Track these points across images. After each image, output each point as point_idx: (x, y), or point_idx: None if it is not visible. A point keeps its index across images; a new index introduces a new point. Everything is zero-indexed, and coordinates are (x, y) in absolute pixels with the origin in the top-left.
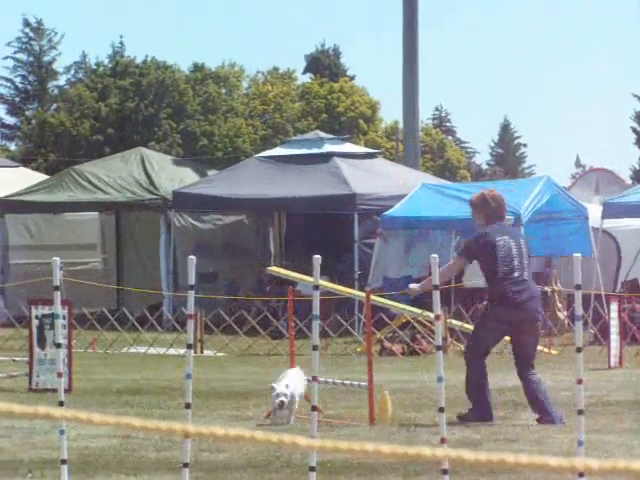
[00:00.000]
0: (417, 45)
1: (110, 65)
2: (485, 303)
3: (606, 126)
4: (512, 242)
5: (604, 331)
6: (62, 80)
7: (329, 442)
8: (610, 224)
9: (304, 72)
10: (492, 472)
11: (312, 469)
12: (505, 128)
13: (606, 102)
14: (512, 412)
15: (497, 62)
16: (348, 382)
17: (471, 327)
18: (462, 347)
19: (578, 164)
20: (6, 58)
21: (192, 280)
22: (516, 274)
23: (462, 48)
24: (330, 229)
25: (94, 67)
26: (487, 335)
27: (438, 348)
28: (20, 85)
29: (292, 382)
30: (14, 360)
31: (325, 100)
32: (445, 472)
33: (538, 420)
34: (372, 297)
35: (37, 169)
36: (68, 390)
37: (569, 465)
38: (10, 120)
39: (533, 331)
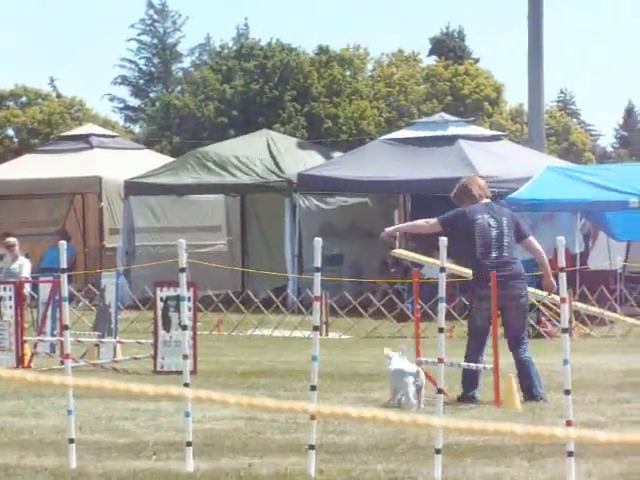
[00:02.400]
0: (542, 27)
1: (235, 47)
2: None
3: None
4: (492, 221)
5: None
6: (186, 62)
7: (462, 422)
8: None
9: (429, 54)
10: (617, 455)
11: (438, 451)
12: (629, 111)
13: None
14: (638, 394)
15: (622, 44)
16: (474, 365)
17: (596, 310)
18: (587, 330)
19: None
20: (130, 40)
21: (318, 262)
22: (494, 254)
23: (587, 30)
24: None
25: (218, 49)
26: (474, 315)
27: (564, 331)
28: (144, 67)
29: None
30: (139, 342)
31: (450, 82)
32: (570, 454)
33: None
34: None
35: (161, 151)
36: (193, 372)
37: None
38: (134, 102)
39: (517, 308)
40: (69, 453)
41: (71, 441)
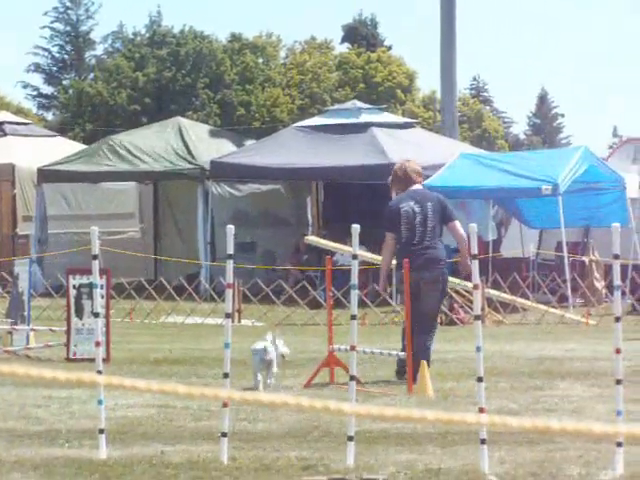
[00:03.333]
0: (454, 14)
1: (147, 35)
2: None
3: None
4: (417, 207)
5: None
6: (99, 50)
7: (374, 409)
8: None
9: (341, 42)
10: (530, 442)
11: (350, 438)
12: (542, 98)
13: None
14: (550, 381)
15: (535, 32)
16: (386, 352)
17: (508, 297)
18: (500, 317)
19: (615, 134)
20: (43, 27)
21: (230, 249)
22: (416, 239)
23: (500, 17)
24: (367, 199)
25: (131, 37)
26: (405, 299)
27: (477, 318)
28: (57, 55)
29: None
30: (52, 330)
31: (362, 70)
32: (483, 441)
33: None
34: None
35: (74, 139)
36: (106, 360)
37: (614, 431)
38: (47, 90)
39: (431, 293)
40: None
41: None
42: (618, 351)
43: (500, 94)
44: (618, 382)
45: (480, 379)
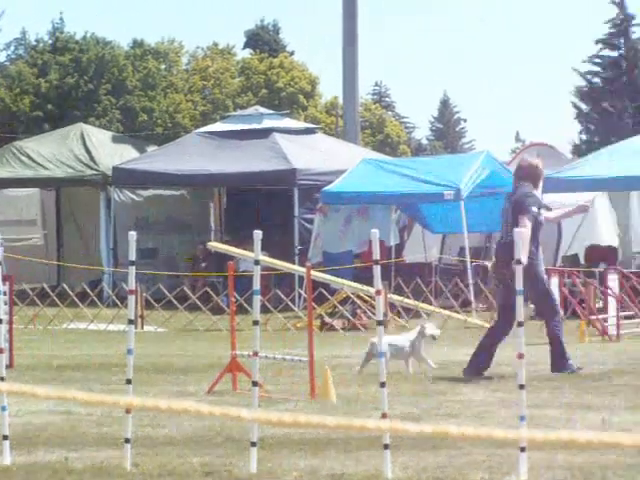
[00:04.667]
0: (356, 20)
1: (50, 41)
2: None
3: (546, 101)
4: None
5: None
6: (2, 57)
7: (274, 415)
8: (550, 199)
9: (244, 47)
10: (433, 447)
11: (253, 444)
12: (445, 103)
13: (546, 77)
14: (453, 386)
15: (436, 37)
16: (289, 357)
17: (411, 302)
18: (403, 322)
19: (518, 139)
20: None
21: (133, 256)
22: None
23: (401, 23)
24: (270, 204)
25: (34, 43)
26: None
27: (379, 323)
28: None
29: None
30: None
31: (265, 76)
32: (386, 447)
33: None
34: (312, 272)
35: None
36: (9, 366)
37: (515, 436)
38: None
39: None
40: None
41: None
42: (521, 356)
43: (402, 99)
44: (521, 387)
45: (383, 384)
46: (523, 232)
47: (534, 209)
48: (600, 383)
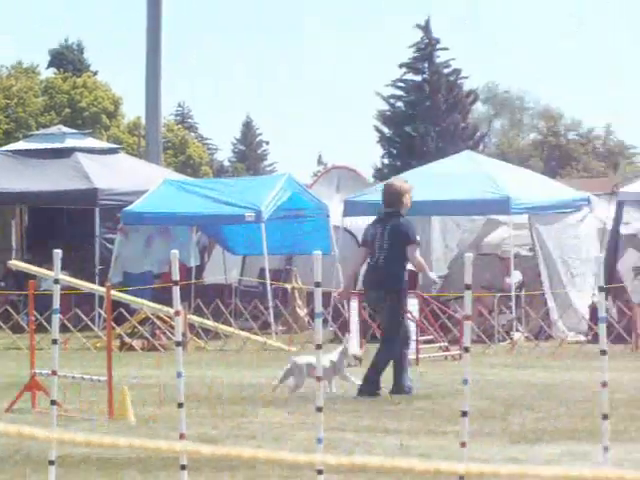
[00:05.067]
0: (160, 41)
1: None
2: None
3: (349, 125)
4: None
5: (344, 328)
6: None
7: (67, 435)
8: (351, 222)
9: (48, 67)
10: (231, 468)
11: (51, 463)
12: (247, 125)
13: (349, 101)
14: (252, 408)
15: (240, 60)
16: (88, 377)
17: (211, 323)
18: (202, 343)
19: (320, 162)
20: None
21: None
22: None
23: (204, 44)
24: (72, 224)
25: None
26: None
27: (178, 344)
28: None
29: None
30: None
31: (68, 95)
32: (184, 467)
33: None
34: (112, 292)
35: None
36: None
37: (307, 460)
38: None
39: None
40: None
41: None
42: (319, 379)
43: (205, 120)
44: (319, 410)
45: (180, 405)
46: (420, 260)
47: (418, 238)
48: (399, 407)
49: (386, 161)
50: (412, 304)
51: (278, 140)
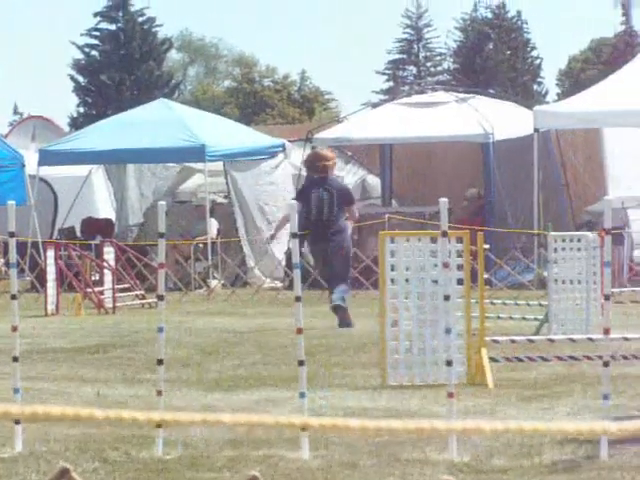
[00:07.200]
0: None
1: None
2: None
3: (45, 73)
4: None
5: (41, 278)
6: None
7: None
8: (47, 171)
9: None
10: None
11: None
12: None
13: (44, 49)
14: None
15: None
16: None
17: None
18: None
19: (16, 111)
20: None
21: None
22: None
23: None
24: None
25: None
26: None
27: None
28: None
29: None
30: None
31: None
32: None
33: None
34: None
35: None
36: None
37: (3, 411)
38: None
39: None
40: None
41: None
42: (15, 329)
43: None
44: (15, 359)
45: None
46: (358, 218)
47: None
48: (96, 356)
49: (82, 110)
50: (108, 252)
51: None
